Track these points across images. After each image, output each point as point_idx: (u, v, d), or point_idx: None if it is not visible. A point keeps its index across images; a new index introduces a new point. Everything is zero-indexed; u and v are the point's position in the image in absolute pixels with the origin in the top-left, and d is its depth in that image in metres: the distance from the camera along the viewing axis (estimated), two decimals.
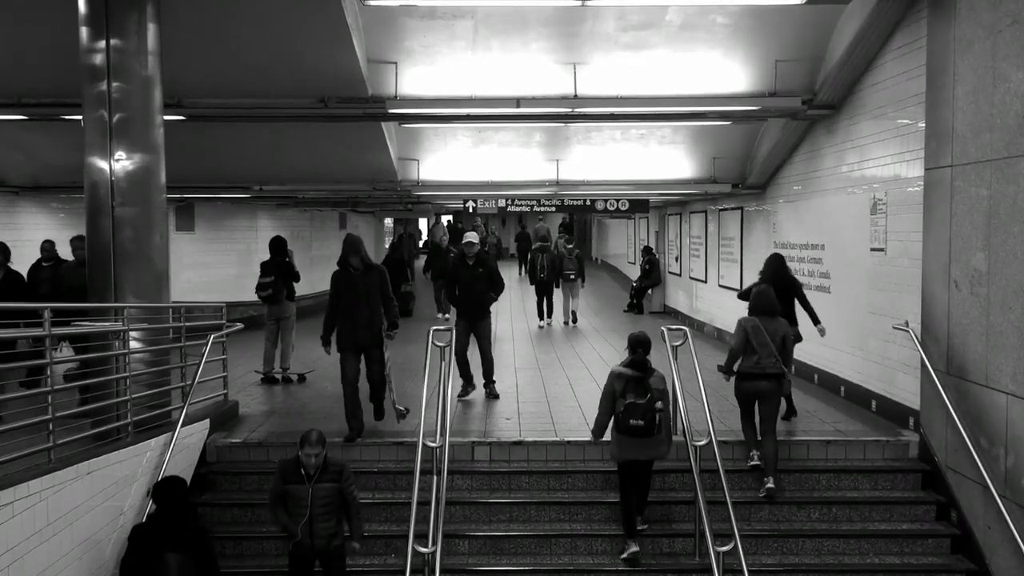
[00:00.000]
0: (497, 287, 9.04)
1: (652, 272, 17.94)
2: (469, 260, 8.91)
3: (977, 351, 6.10)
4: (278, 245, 10.17)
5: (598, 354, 11.94)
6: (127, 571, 5.15)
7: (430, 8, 8.00)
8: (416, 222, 28.55)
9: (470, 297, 8.84)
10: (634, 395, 6.08)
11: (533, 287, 15.78)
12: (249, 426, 7.79)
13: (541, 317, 15.54)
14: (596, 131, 12.13)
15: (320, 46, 7.75)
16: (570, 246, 16.18)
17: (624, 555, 6.33)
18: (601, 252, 31.65)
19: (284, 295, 10.06)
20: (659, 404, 6.08)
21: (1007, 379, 5.74)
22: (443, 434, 6.41)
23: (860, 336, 8.43)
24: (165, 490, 5.24)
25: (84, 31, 6.43)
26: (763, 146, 11.14)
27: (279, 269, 10.04)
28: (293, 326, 10.18)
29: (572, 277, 15.60)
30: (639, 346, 6.22)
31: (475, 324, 8.83)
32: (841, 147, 9.00)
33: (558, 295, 15.92)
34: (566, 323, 15.61)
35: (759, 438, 6.86)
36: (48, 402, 5.38)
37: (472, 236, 9.29)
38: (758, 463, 6.82)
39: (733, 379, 7.03)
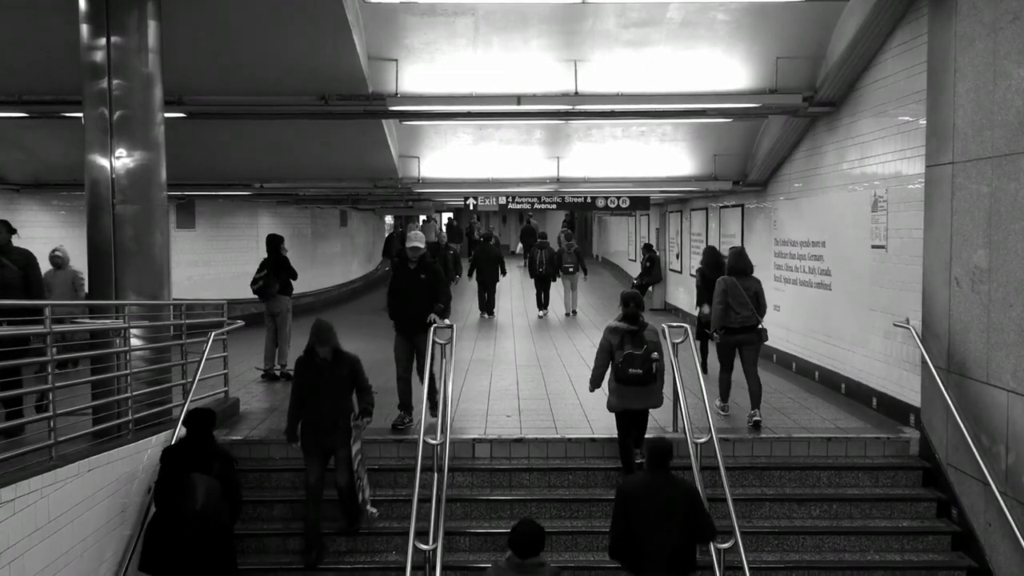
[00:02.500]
0: (441, 299, 7.42)
1: (653, 269, 17.95)
2: (411, 264, 7.48)
3: (978, 348, 6.10)
4: (272, 242, 10.25)
5: None
6: (159, 492, 5.43)
7: (431, 5, 7.99)
8: (417, 220, 28.52)
9: (407, 308, 7.41)
10: (631, 346, 6.42)
11: (533, 280, 16.99)
12: (250, 423, 7.79)
13: (539, 307, 16.73)
14: (597, 128, 12.12)
15: (321, 43, 7.75)
16: (570, 241, 16.92)
17: None
18: (602, 249, 31.62)
19: (276, 289, 10.06)
20: (655, 355, 6.41)
21: (1008, 376, 5.74)
22: (444, 431, 6.41)
23: (861, 333, 8.42)
24: (196, 418, 5.62)
25: (85, 28, 6.43)
26: (764, 143, 11.13)
27: (274, 265, 10.05)
28: (287, 321, 10.16)
29: (571, 270, 16.52)
30: (631, 300, 6.56)
31: (414, 340, 7.40)
32: (842, 144, 8.99)
33: (557, 287, 17.10)
34: (567, 313, 16.57)
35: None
36: (49, 399, 5.39)
37: (416, 239, 7.62)
38: (724, 415, 7.46)
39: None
